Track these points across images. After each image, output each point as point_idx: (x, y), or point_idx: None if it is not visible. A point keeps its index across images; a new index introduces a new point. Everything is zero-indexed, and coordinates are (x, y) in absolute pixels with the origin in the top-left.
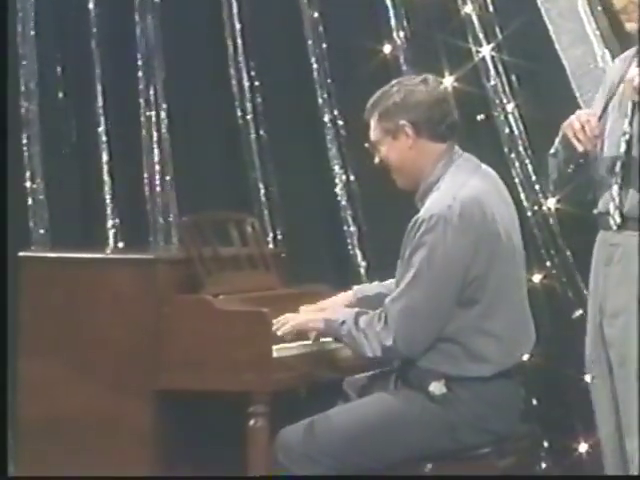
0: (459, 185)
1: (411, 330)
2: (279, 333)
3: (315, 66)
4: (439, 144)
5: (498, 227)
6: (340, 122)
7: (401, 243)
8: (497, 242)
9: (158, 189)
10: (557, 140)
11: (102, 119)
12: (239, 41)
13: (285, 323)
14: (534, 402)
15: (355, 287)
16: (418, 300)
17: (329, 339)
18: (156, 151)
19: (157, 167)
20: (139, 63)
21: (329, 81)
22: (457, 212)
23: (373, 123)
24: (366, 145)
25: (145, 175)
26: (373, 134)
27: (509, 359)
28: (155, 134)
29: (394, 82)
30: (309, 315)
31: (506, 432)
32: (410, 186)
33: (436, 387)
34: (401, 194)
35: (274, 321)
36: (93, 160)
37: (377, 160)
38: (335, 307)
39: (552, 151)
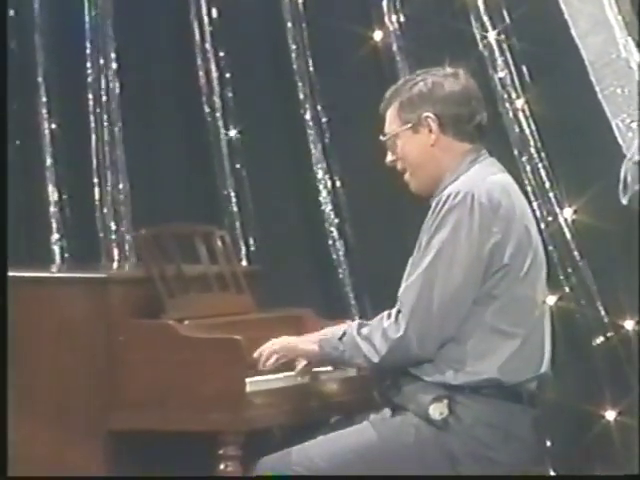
0: (488, 173)
1: (426, 321)
2: (268, 363)
3: (295, 55)
4: (465, 144)
5: (528, 225)
6: (324, 119)
7: (393, 259)
8: (526, 237)
9: (111, 197)
10: None
11: (45, 117)
12: (206, 26)
13: (271, 351)
14: (548, 443)
15: (349, 322)
16: (436, 286)
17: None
18: (108, 154)
19: (109, 172)
20: (88, 52)
21: (311, 72)
22: (486, 193)
23: (391, 114)
24: (382, 138)
25: (95, 181)
26: (389, 127)
27: (522, 364)
28: (107, 134)
29: (419, 72)
30: (299, 339)
31: (513, 464)
32: (426, 188)
33: (436, 409)
34: (396, 203)
35: (258, 351)
36: (36, 165)
37: (389, 158)
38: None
39: (638, 158)
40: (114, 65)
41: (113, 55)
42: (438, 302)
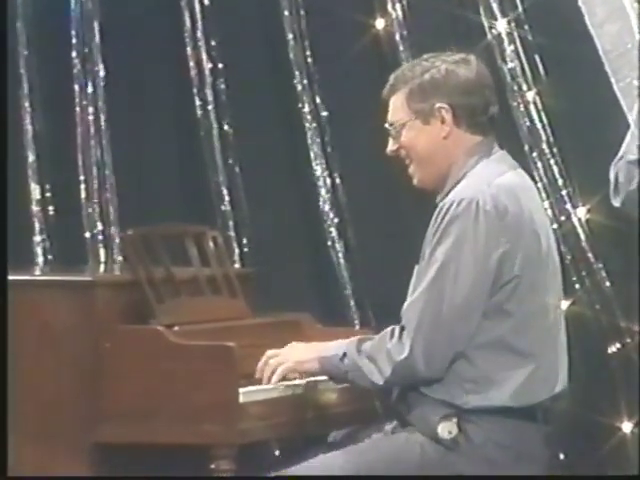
0: (495, 174)
1: (432, 339)
2: (270, 383)
3: (292, 44)
4: (477, 136)
5: (537, 229)
6: (323, 113)
7: (397, 261)
8: (536, 245)
9: (97, 195)
10: None
11: (28, 110)
12: (198, 13)
13: (270, 366)
14: (561, 456)
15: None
16: (442, 301)
17: (303, 380)
18: (94, 149)
19: (95, 169)
20: (73, 42)
21: (309, 62)
22: (492, 199)
23: (398, 101)
24: (387, 126)
25: (81, 178)
26: (395, 115)
27: (539, 388)
28: (93, 129)
29: (427, 56)
30: (299, 354)
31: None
32: (432, 182)
33: (445, 428)
34: (399, 202)
35: (260, 365)
36: (17, 161)
37: (391, 148)
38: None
39: (634, 157)
40: (100, 56)
41: (99, 45)
42: (444, 318)
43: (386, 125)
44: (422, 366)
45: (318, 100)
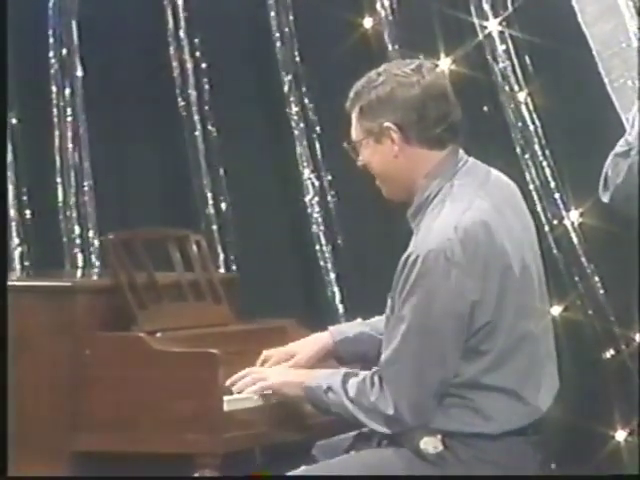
0: (462, 209)
1: (415, 397)
2: (243, 393)
3: (279, 44)
4: (435, 151)
5: (509, 258)
6: (311, 114)
7: (386, 266)
8: (509, 276)
9: (75, 199)
10: (630, 133)
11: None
12: (181, 11)
13: (251, 379)
14: (552, 466)
15: (331, 328)
16: (418, 361)
17: None
18: (72, 151)
19: (73, 171)
20: (50, 41)
21: (297, 62)
22: (460, 246)
23: (354, 118)
24: (344, 145)
25: (58, 181)
26: (354, 132)
27: (523, 416)
28: (71, 130)
29: (382, 68)
30: (283, 376)
31: None
32: (399, 197)
33: (429, 443)
34: (388, 206)
35: (229, 380)
36: None
37: (359, 163)
38: (310, 362)
39: (621, 149)
40: (79, 55)
41: (78, 44)
42: (423, 375)
43: (344, 145)
44: (412, 420)
45: (305, 100)
